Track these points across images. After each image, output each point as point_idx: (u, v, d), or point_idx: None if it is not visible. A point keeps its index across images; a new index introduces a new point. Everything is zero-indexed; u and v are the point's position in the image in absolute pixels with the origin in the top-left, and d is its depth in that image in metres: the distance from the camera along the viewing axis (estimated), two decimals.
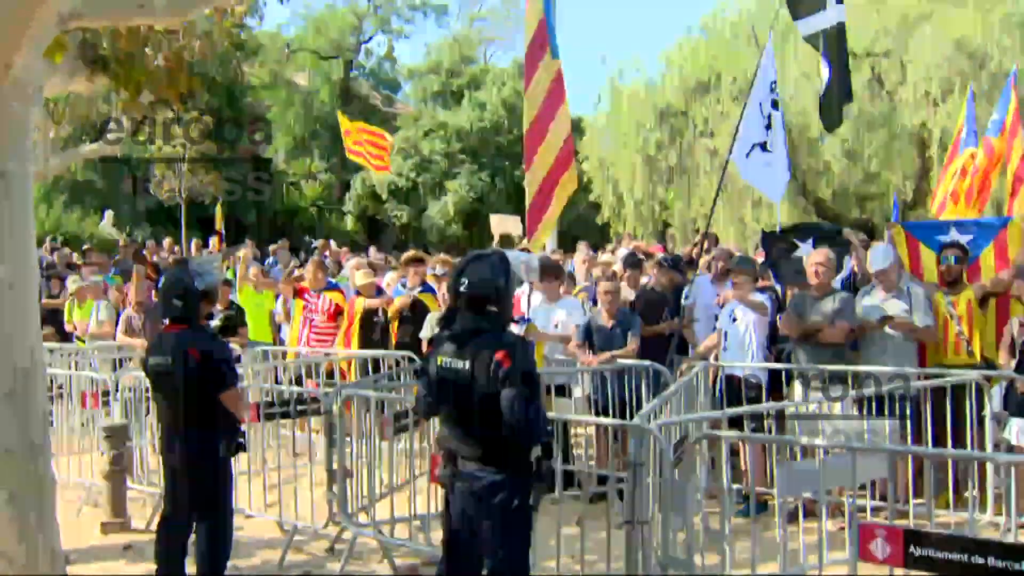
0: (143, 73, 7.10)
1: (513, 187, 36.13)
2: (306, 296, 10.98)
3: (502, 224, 14.79)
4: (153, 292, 11.50)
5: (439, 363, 4.53)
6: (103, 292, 12.71)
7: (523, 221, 12.40)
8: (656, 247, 16.75)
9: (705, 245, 11.10)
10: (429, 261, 11.49)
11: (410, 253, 11.86)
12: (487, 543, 4.43)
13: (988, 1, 20.63)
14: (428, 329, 9.32)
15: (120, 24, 6.25)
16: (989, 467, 6.83)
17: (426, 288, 10.33)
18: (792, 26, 9.88)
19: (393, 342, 10.18)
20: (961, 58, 20.04)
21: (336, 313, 10.82)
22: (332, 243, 21.41)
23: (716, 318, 8.82)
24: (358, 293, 10.61)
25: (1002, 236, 8.50)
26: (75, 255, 18.78)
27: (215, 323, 7.03)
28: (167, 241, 22.11)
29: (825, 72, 9.59)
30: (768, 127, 9.51)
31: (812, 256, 8.17)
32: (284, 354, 10.90)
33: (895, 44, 21.77)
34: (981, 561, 4.09)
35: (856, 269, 9.08)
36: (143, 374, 6.43)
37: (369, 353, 9.77)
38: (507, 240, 14.66)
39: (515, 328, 8.18)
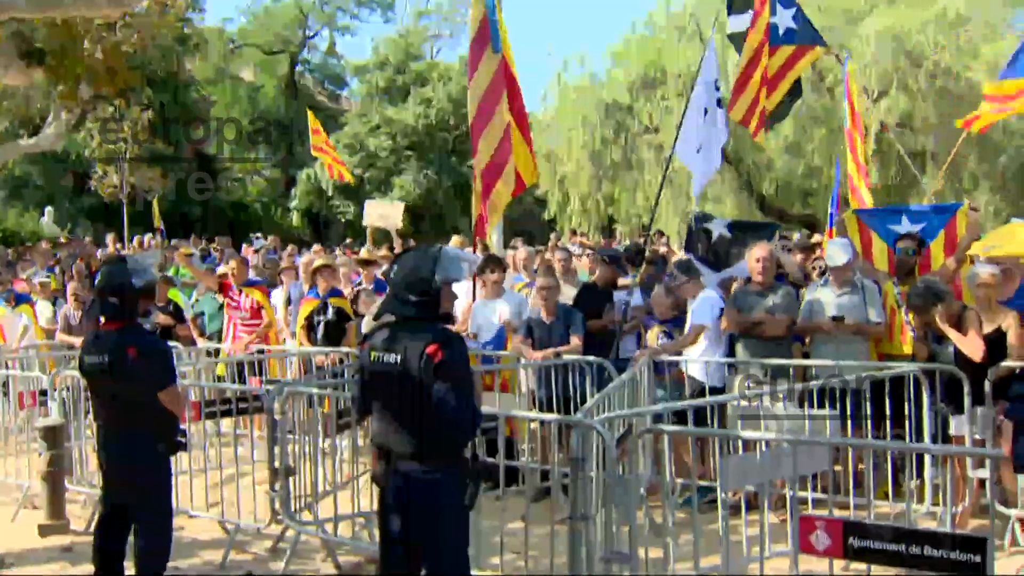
0: (80, 66, 6.98)
1: (460, 183, 36.05)
2: (229, 294, 10.81)
3: (379, 210, 14.36)
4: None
5: (371, 357, 4.42)
6: (46, 291, 12.47)
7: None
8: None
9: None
10: (378, 260, 11.44)
11: (362, 255, 11.82)
12: (423, 541, 4.31)
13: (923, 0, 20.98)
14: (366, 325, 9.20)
15: (57, 16, 6.15)
16: (927, 459, 6.93)
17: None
18: None
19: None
20: (899, 55, 20.35)
21: (258, 310, 10.65)
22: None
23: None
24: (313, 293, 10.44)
25: (952, 223, 8.40)
26: (10, 252, 18.45)
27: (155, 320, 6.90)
28: (110, 237, 21.78)
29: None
30: (712, 124, 9.55)
31: (754, 251, 8.22)
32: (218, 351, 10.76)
33: (836, 40, 22.03)
34: (918, 551, 4.17)
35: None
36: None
37: (315, 350, 9.71)
38: (382, 233, 14.25)
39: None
